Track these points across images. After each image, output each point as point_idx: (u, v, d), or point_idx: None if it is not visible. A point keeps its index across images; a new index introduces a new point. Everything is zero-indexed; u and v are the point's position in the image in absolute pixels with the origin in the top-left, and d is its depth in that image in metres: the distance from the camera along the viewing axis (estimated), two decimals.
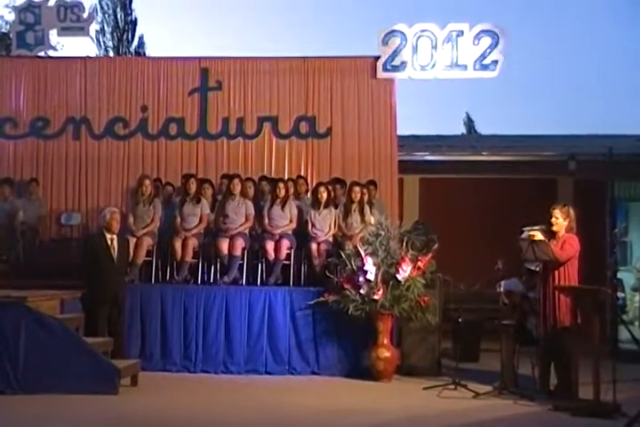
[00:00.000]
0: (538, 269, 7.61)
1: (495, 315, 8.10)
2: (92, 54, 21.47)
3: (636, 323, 12.52)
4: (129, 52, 24.15)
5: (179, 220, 9.20)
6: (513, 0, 50.03)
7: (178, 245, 8.99)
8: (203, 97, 10.76)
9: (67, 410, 6.31)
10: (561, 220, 7.35)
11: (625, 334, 9.87)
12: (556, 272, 7.23)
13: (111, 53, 23.68)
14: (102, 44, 24.35)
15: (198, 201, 9.28)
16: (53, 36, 10.90)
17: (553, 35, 53.83)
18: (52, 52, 11.73)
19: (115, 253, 8.12)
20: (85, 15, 10.86)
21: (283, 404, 6.84)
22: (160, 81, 10.85)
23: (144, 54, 23.71)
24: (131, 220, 9.17)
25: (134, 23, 24.93)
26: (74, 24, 10.76)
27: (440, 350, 8.63)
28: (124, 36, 24.46)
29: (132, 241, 8.86)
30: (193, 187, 9.38)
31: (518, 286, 8.16)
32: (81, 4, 10.85)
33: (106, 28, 24.38)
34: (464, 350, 8.71)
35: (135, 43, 24.60)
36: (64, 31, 10.86)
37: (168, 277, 9.11)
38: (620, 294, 11.67)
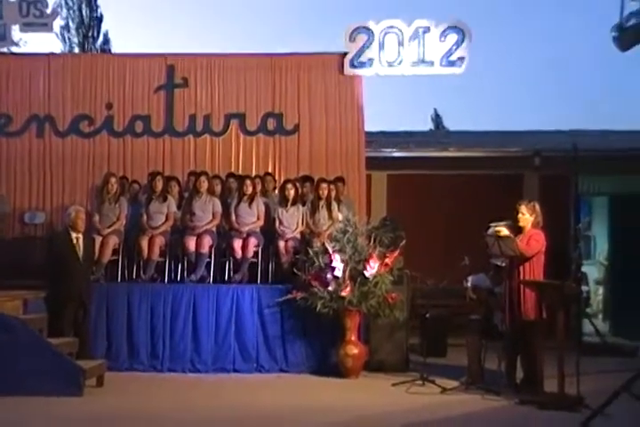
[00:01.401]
0: (504, 264, 7.65)
1: (462, 310, 8.14)
2: (57, 51, 21.24)
3: (600, 316, 12.71)
4: (94, 48, 23.90)
5: (145, 218, 9.14)
6: None
7: (144, 243, 8.92)
8: (169, 94, 10.71)
9: (30, 412, 6.23)
10: (527, 215, 7.40)
11: (589, 328, 10.02)
12: (522, 267, 7.28)
13: (76, 50, 23.42)
14: (67, 40, 24.09)
15: (165, 199, 9.22)
16: (16, 31, 10.75)
17: (520, 30, 54.25)
18: (14, 49, 11.58)
19: (80, 252, 8.02)
20: (49, 11, 10.71)
21: (250, 402, 6.81)
22: (125, 78, 10.77)
23: (109, 51, 23.49)
24: (96, 218, 9.08)
25: (100, 19, 24.68)
26: (37, 20, 10.61)
27: (408, 345, 8.67)
28: (90, 33, 24.21)
29: (98, 240, 8.78)
30: (159, 185, 9.32)
31: (485, 281, 8.19)
32: None
33: (71, 24, 24.12)
34: (432, 346, 8.72)
35: (100, 39, 24.38)
36: (27, 27, 10.71)
37: (135, 276, 9.02)
38: (584, 288, 11.83)
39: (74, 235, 8.05)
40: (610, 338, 10.56)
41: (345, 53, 10.50)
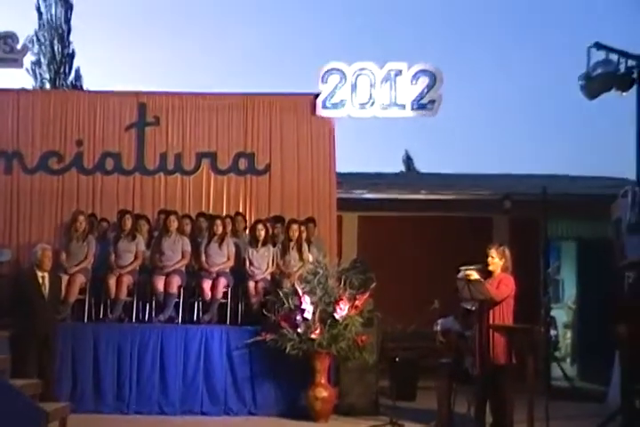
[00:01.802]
0: (474, 308, 7.64)
1: (432, 353, 8.10)
2: (29, 86, 21.15)
3: (568, 360, 12.73)
4: (66, 84, 23.76)
5: (113, 256, 9.04)
6: (450, 39, 51.18)
7: (112, 282, 8.82)
8: (140, 132, 10.66)
9: None
10: (497, 259, 7.40)
11: (557, 372, 10.01)
12: (492, 311, 7.26)
13: (47, 86, 23.24)
14: (39, 75, 23.95)
15: (134, 237, 9.15)
16: None
17: (492, 75, 55.21)
18: None
19: (46, 291, 7.88)
20: (19, 46, 10.62)
21: None
22: (96, 115, 10.69)
23: (81, 87, 23.39)
24: (63, 256, 8.96)
25: (72, 56, 24.58)
26: (7, 55, 10.53)
27: (377, 388, 8.60)
28: (62, 69, 24.10)
29: (65, 278, 8.66)
30: (128, 223, 9.25)
31: (455, 324, 8.17)
32: (14, 34, 10.58)
33: (42, 59, 24.00)
34: (401, 389, 8.70)
35: (72, 75, 24.27)
36: None
37: (101, 316, 8.89)
38: (552, 332, 11.86)
39: (40, 273, 7.91)
40: (578, 382, 10.57)
41: (317, 94, 10.56)
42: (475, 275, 7.40)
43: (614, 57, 6.67)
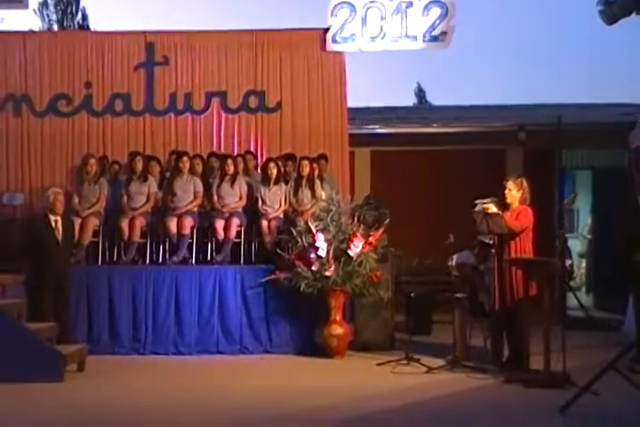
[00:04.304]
0: (491, 241, 7.60)
1: (447, 288, 8.10)
2: (36, 28, 20.94)
3: (583, 289, 12.75)
4: (73, 25, 23.54)
5: (125, 199, 9.02)
6: None
7: (125, 224, 8.81)
8: (149, 72, 10.53)
9: (9, 399, 6.11)
10: (514, 191, 7.34)
11: (573, 302, 10.01)
12: (511, 244, 7.23)
13: (55, 27, 23.07)
14: (46, 17, 23.73)
15: (145, 179, 9.11)
16: None
17: (505, 2, 53.95)
18: None
19: (59, 235, 7.88)
20: None
21: (235, 385, 6.73)
22: (104, 56, 10.57)
23: (88, 28, 23.14)
24: (76, 200, 8.95)
25: None
26: None
27: (393, 324, 8.62)
28: (69, 9, 23.81)
29: (78, 222, 8.66)
30: (139, 165, 9.20)
31: (470, 258, 8.15)
32: None
33: (49, 0, 23.73)
34: (417, 324, 8.73)
35: (79, 16, 24.00)
36: (1, 4, 10.50)
37: (115, 258, 8.91)
38: (567, 262, 11.84)
39: (52, 218, 7.90)
40: (593, 312, 10.58)
41: (327, 29, 10.34)
42: (493, 208, 7.34)
43: None
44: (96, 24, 23.69)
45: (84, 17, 24.09)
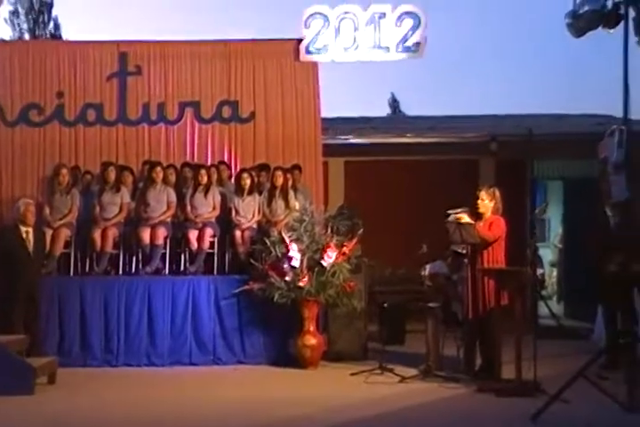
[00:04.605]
0: (464, 251, 7.65)
1: (420, 297, 8.13)
2: (7, 37, 20.79)
3: (554, 298, 12.87)
4: (45, 34, 23.37)
5: (98, 209, 8.97)
6: None
7: (97, 235, 8.76)
8: (122, 82, 10.47)
9: None
10: (487, 201, 7.42)
11: (544, 310, 10.10)
12: (484, 254, 7.29)
13: (26, 36, 22.90)
14: (17, 26, 23.54)
15: (118, 189, 9.06)
16: None
17: (477, 14, 54.41)
18: None
19: (30, 246, 7.85)
20: None
21: (208, 396, 6.71)
22: (77, 66, 10.48)
23: (60, 37, 22.98)
24: (47, 211, 8.88)
25: (50, 5, 24.09)
26: None
27: (366, 334, 8.64)
28: (40, 19, 23.64)
29: (49, 233, 8.59)
30: (112, 175, 9.16)
31: (443, 268, 8.21)
32: None
33: (20, 9, 23.54)
34: (390, 333, 8.74)
35: (51, 25, 23.83)
36: None
37: (87, 269, 8.86)
38: (539, 271, 11.95)
39: (23, 229, 7.86)
40: (565, 321, 10.66)
41: (300, 40, 10.36)
42: (466, 218, 7.40)
43: None
44: (68, 33, 23.60)
45: (57, 26, 23.95)
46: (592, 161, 10.47)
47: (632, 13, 6.26)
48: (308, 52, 10.36)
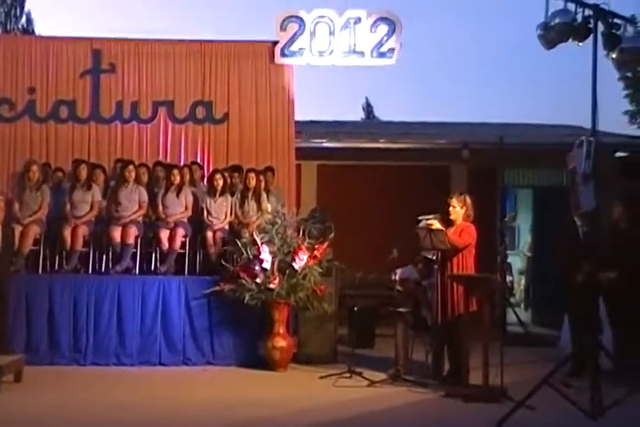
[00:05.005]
0: (434, 257, 7.72)
1: (390, 302, 8.17)
2: None
3: (522, 305, 12.99)
4: (17, 28, 23.10)
5: (68, 207, 8.89)
6: None
7: (67, 233, 8.68)
8: (95, 79, 10.43)
9: None
10: (458, 208, 7.49)
11: (512, 317, 10.20)
12: (454, 260, 7.36)
13: None
14: None
15: (89, 187, 9.00)
16: None
17: (450, 23, 54.83)
18: None
19: None
20: None
21: (177, 397, 6.69)
22: (49, 62, 10.43)
23: (32, 32, 22.72)
24: (16, 207, 8.75)
25: None
26: None
27: (336, 337, 8.66)
28: (12, 12, 23.35)
29: (18, 229, 8.48)
30: (84, 173, 9.09)
31: (413, 273, 8.27)
32: None
33: None
34: (360, 337, 8.77)
35: (24, 19, 23.55)
36: None
37: (57, 267, 8.76)
38: (508, 278, 12.06)
39: None
40: (532, 328, 10.77)
41: (276, 42, 10.38)
42: (436, 224, 7.46)
43: (572, 6, 6.58)
44: (41, 29, 23.33)
45: (29, 21, 23.64)
46: (562, 170, 10.58)
47: (601, 27, 6.33)
48: (283, 54, 10.39)
